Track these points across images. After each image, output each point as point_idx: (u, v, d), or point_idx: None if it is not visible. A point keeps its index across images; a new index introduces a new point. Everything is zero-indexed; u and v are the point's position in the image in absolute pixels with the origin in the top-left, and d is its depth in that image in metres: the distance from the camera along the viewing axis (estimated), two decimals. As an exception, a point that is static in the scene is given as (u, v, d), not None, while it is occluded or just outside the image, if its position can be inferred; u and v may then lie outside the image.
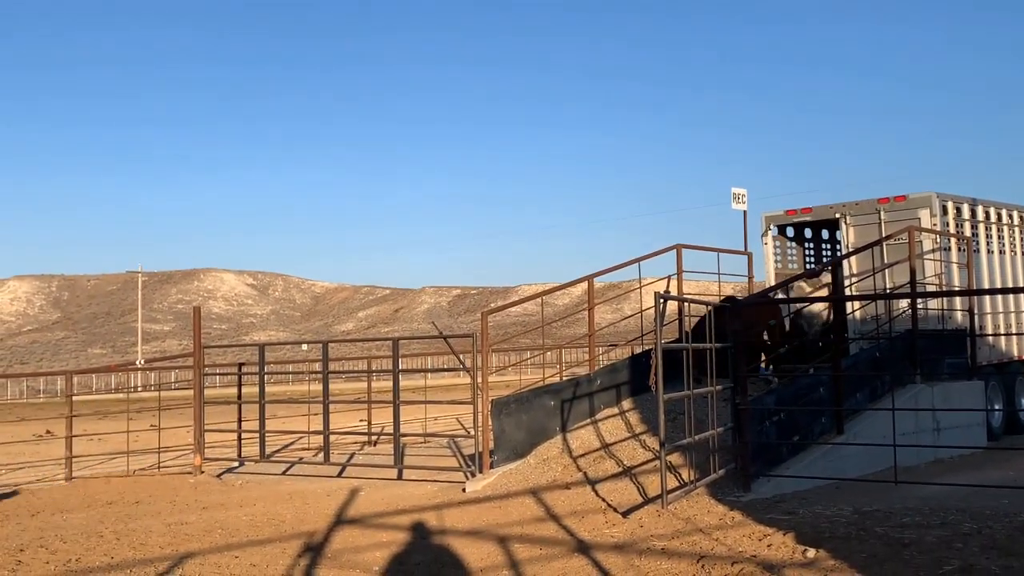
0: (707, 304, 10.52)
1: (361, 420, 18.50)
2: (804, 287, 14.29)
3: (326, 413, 13.25)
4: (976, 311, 14.09)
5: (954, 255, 14.40)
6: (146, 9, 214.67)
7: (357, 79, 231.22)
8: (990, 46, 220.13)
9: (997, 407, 14.52)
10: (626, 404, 12.93)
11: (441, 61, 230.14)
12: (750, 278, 16.04)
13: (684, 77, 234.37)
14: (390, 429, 12.76)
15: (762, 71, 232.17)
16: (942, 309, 14.17)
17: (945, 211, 14.50)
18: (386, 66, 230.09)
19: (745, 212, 18.35)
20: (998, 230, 15.67)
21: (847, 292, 14.51)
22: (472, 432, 12.06)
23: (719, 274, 14.72)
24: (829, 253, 18.14)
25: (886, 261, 14.03)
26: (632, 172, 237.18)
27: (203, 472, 13.56)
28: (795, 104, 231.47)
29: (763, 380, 13.15)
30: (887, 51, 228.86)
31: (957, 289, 13.97)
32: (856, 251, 14.21)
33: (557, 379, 13.40)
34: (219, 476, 13.59)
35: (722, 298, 12.36)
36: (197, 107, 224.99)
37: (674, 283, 14.40)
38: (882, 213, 14.71)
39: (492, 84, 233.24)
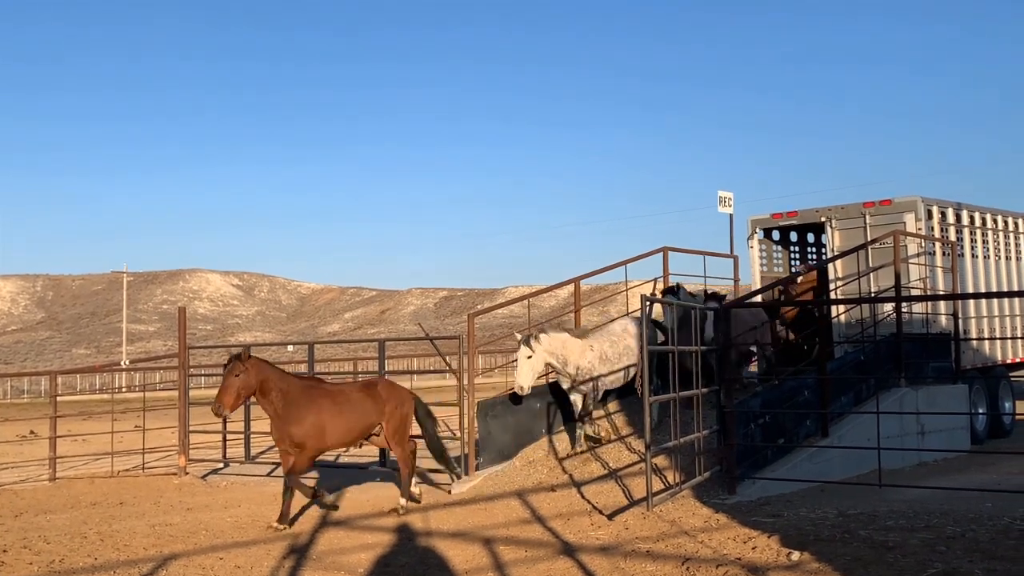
0: (693, 307, 10.56)
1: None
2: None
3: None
4: (960, 315, 14.16)
5: (939, 259, 14.48)
6: (131, 3, 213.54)
7: (344, 78, 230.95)
8: (990, 44, 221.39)
9: (981, 411, 14.61)
10: (612, 406, 12.94)
11: (426, 59, 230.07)
12: (736, 281, 16.12)
13: (679, 76, 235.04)
14: (376, 431, 12.69)
15: (757, 69, 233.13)
16: (927, 313, 14.25)
17: (930, 215, 14.58)
18: (372, 64, 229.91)
19: (731, 215, 18.41)
20: (983, 234, 15.76)
21: (832, 296, 14.59)
22: (458, 434, 12.05)
23: (705, 277, 14.77)
24: (815, 257, 18.21)
25: (871, 265, 14.09)
26: (622, 173, 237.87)
27: (188, 473, 13.50)
28: (789, 104, 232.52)
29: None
30: (886, 50, 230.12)
31: (942, 293, 14.04)
32: (841, 255, 14.28)
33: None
34: (204, 477, 13.53)
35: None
36: (182, 105, 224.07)
37: (660, 286, 14.43)
38: (867, 217, 14.77)
39: (481, 85, 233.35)
